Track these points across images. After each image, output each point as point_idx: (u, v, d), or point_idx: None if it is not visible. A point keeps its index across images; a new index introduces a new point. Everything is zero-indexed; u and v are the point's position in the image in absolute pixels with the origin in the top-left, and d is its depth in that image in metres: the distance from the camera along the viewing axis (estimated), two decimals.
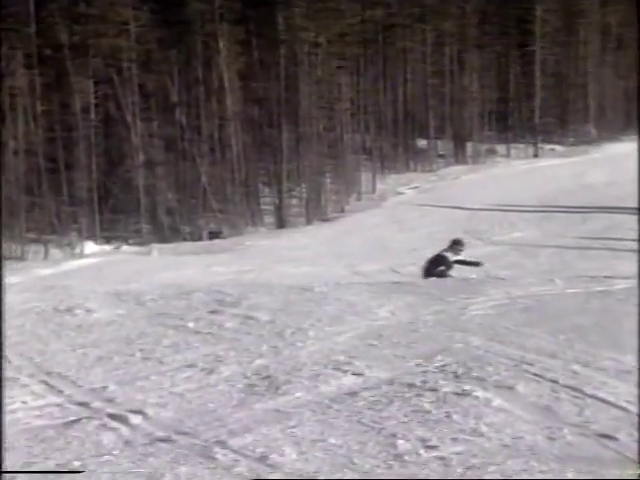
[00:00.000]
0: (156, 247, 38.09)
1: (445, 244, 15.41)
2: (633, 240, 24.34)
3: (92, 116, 41.06)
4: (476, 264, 15.04)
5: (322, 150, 46.23)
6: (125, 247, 39.44)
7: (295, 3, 45.83)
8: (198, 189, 42.82)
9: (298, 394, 6.22)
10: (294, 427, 5.46)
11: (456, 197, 41.95)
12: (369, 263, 25.92)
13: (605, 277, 12.10)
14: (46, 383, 7.00)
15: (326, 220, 43.16)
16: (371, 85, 51.37)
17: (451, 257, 14.75)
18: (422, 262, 15.40)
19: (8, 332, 8.61)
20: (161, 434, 5.49)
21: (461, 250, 15.03)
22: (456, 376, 6.45)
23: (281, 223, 43.23)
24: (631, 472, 4.74)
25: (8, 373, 7.17)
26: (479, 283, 12.06)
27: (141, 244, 39.57)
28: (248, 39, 45.51)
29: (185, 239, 40.93)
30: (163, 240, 40.09)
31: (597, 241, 27.62)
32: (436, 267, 14.63)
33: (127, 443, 5.36)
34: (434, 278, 14.03)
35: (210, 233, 41.70)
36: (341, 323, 8.84)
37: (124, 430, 5.61)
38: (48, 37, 40.15)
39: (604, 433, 5.12)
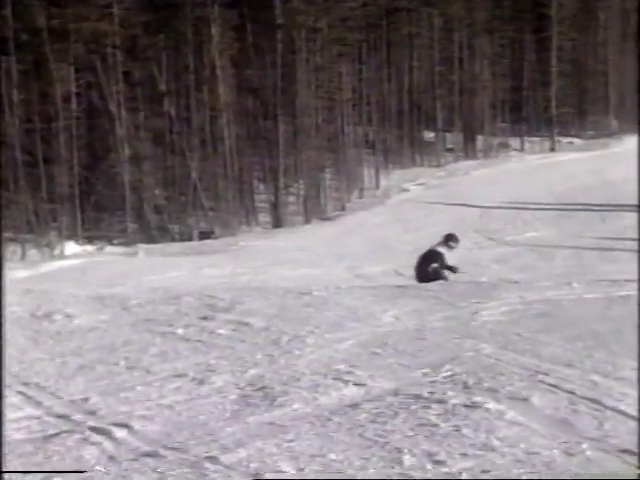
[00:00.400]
0: (142, 248, 38.12)
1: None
2: None
3: (73, 106, 41.06)
4: (452, 269, 14.90)
5: (321, 143, 46.25)
6: (109, 248, 39.46)
7: None
8: (188, 185, 42.85)
9: (295, 406, 6.23)
10: (291, 441, 5.47)
11: (466, 194, 41.99)
12: (372, 265, 25.94)
13: (627, 281, 12.11)
14: (23, 394, 7.01)
15: (326, 219, 43.19)
16: (374, 73, 51.40)
17: (445, 253, 14.68)
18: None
19: None
20: (148, 449, 5.50)
21: (454, 246, 14.96)
22: (466, 387, 6.46)
23: (277, 222, 43.26)
24: (631, 472, 4.78)
25: None
26: (491, 287, 12.08)
27: (126, 244, 39.59)
28: (242, 24, 45.52)
29: (174, 239, 40.97)
30: (150, 240, 40.12)
31: (618, 242, 27.65)
32: (429, 264, 14.50)
33: (111, 458, 5.37)
34: (440, 281, 13.92)
35: (201, 233, 41.72)
36: (342, 330, 8.85)
37: (107, 445, 5.61)
38: (25, 20, 40.16)
39: (625, 448, 5.12)
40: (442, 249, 14.77)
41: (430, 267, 14.49)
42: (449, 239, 15.08)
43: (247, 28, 45.77)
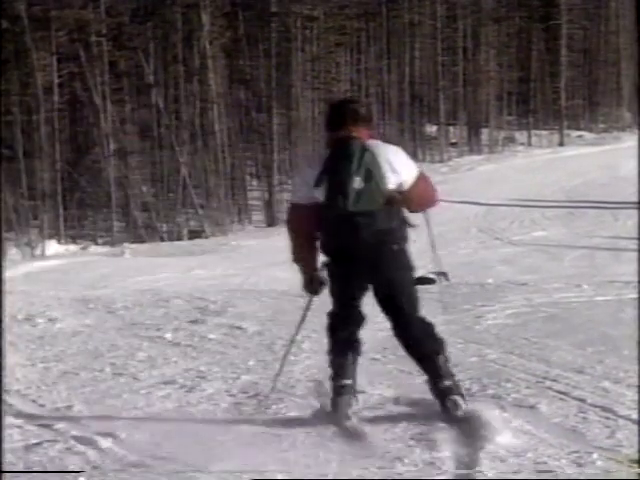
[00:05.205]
0: (129, 248, 38.09)
1: (458, 242, 15.50)
2: None
3: (56, 97, 41.05)
4: (443, 275, 16.19)
5: (318, 137, 46.26)
6: (93, 247, 39.44)
7: None
8: (177, 182, 42.84)
9: (290, 414, 6.24)
10: (286, 451, 5.49)
11: (470, 191, 42.01)
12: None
13: None
14: (4, 402, 7.01)
15: None
16: (373, 64, 51.42)
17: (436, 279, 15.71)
18: (431, 265, 15.51)
19: None
20: (134, 459, 5.51)
21: (443, 282, 16.11)
22: (470, 394, 6.48)
23: (271, 220, 43.27)
24: (631, 472, 4.80)
25: None
26: (497, 288, 12.12)
27: (112, 244, 39.58)
28: (234, 11, 45.54)
29: (162, 238, 40.96)
30: (137, 240, 40.10)
31: (632, 241, 27.67)
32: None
33: (95, 469, 5.38)
34: (444, 283, 14.19)
35: (190, 232, 41.72)
36: None
37: (92, 454, 5.62)
38: (4, 7, 40.14)
39: (638, 459, 5.14)
40: (433, 276, 15.83)
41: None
42: (441, 274, 16.31)
43: (239, 16, 45.77)
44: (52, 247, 38.76)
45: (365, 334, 8.78)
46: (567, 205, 37.15)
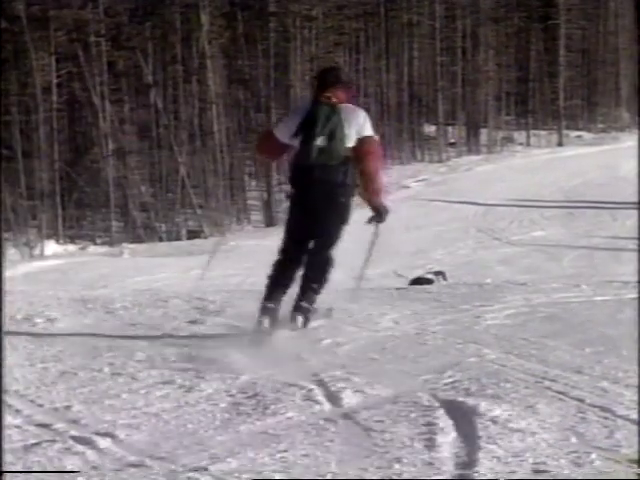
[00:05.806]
0: (127, 248, 38.12)
1: (457, 243, 15.69)
2: None
3: (54, 97, 41.06)
4: (441, 274, 18.10)
5: None
6: (92, 247, 39.45)
7: None
8: (176, 182, 42.82)
9: (289, 414, 6.24)
10: (285, 451, 5.48)
11: (469, 191, 42.04)
12: (370, 266, 25.93)
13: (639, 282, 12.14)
14: (2, 402, 7.00)
15: None
16: (372, 64, 51.43)
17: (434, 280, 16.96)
18: (430, 265, 15.64)
19: None
20: (133, 459, 5.50)
21: (441, 281, 17.42)
22: (468, 394, 6.48)
23: (270, 220, 43.29)
24: (631, 472, 4.80)
25: None
26: (495, 289, 12.11)
27: (110, 244, 39.59)
28: (233, 11, 45.55)
29: (161, 239, 40.97)
30: (136, 240, 40.11)
31: (630, 241, 27.72)
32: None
33: (94, 469, 5.37)
34: (443, 283, 14.38)
35: (189, 232, 41.74)
36: (338, 334, 8.85)
37: (90, 454, 5.62)
38: (3, 7, 40.15)
39: (637, 458, 5.14)
40: (431, 276, 17.06)
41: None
42: (439, 273, 17.93)
43: (238, 16, 45.79)
44: (51, 247, 38.78)
45: (364, 334, 8.81)
46: (566, 205, 37.21)
